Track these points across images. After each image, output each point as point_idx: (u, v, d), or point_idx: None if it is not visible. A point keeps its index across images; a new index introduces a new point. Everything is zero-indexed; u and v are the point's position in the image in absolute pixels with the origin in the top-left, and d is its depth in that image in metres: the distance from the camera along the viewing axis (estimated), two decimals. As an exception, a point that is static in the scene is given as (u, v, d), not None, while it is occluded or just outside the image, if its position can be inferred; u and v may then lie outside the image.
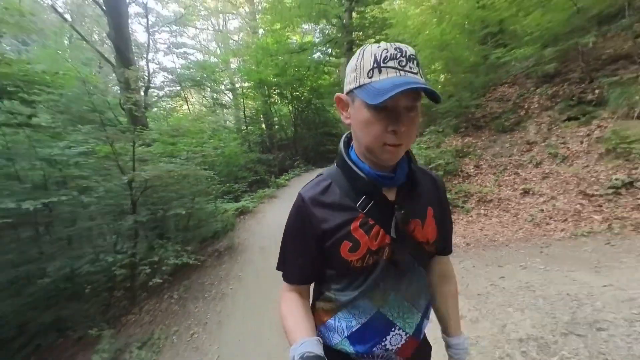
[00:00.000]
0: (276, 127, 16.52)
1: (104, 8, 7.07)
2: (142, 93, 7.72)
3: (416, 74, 0.63)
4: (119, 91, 7.31)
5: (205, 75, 13.42)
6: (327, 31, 12.80)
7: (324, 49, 13.00)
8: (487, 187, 5.00)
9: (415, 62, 0.63)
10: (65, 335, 3.51)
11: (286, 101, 15.21)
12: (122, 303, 4.26)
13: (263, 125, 16.13)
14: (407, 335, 0.77)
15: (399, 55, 0.61)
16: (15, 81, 3.84)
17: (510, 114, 5.82)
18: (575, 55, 5.48)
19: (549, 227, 3.71)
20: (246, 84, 15.27)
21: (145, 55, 12.09)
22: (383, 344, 0.75)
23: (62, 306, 3.78)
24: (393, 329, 0.76)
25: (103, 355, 2.78)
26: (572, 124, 4.91)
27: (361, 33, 11.18)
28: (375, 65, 0.62)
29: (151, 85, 10.80)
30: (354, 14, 11.09)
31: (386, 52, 0.61)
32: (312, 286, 0.84)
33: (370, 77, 0.62)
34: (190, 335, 3.03)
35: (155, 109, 12.40)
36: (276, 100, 15.50)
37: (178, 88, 14.13)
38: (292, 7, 10.50)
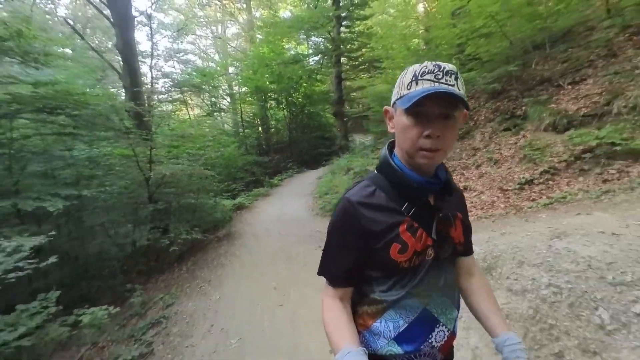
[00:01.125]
0: (272, 130, 17.87)
1: (112, 20, 7.91)
2: (146, 100, 8.91)
3: (452, 85, 0.69)
4: (123, 94, 8.41)
5: (204, 81, 14.75)
6: (319, 43, 14.16)
7: (316, 58, 14.35)
8: (438, 185, 6.30)
9: (453, 76, 0.70)
10: (104, 295, 4.80)
11: (282, 106, 16.58)
12: (142, 277, 5.55)
13: (260, 129, 17.47)
14: (449, 331, 0.84)
15: (436, 70, 0.70)
16: (61, 100, 5.17)
17: (465, 124, 7.13)
18: (516, 76, 6.82)
19: (470, 214, 5.00)
20: (244, 90, 16.65)
21: (149, 64, 13.46)
22: (429, 341, 0.80)
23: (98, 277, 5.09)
24: (437, 326, 0.82)
25: (138, 298, 4.07)
26: (507, 134, 6.23)
27: (349, 46, 12.54)
28: (414, 78, 0.71)
29: (154, 90, 12.13)
30: (342, 29, 12.47)
31: (425, 68, 0.71)
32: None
33: (409, 89, 0.72)
34: (199, 288, 4.31)
35: (157, 113, 13.76)
36: (272, 106, 16.86)
37: (179, 95, 15.52)
38: (286, 24, 11.87)
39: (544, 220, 3.42)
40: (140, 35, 17.65)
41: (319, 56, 14.04)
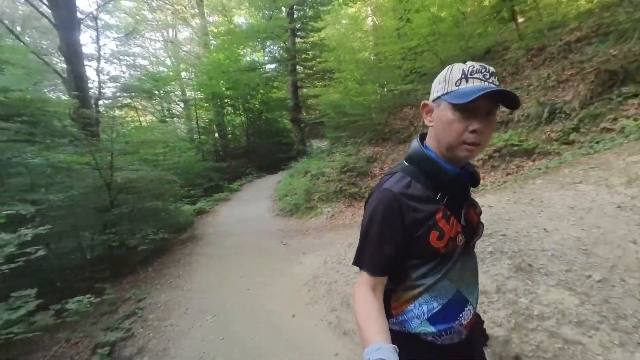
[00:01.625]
0: (229, 136, 18.04)
1: (54, 21, 7.50)
2: (92, 105, 8.75)
3: (497, 86, 0.76)
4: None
5: (156, 86, 14.56)
6: (275, 52, 14.84)
7: (273, 66, 14.99)
8: (385, 183, 7.26)
9: (496, 78, 0.78)
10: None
11: (239, 112, 16.87)
12: (106, 282, 5.68)
13: (216, 135, 17.55)
14: (473, 308, 0.93)
15: (483, 70, 0.77)
16: (16, 107, 5.20)
17: (406, 130, 8.26)
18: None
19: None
20: (199, 95, 16.68)
21: (94, 67, 13.05)
22: (460, 320, 0.89)
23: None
24: (467, 305, 0.91)
25: (109, 296, 4.33)
26: (440, 137, 7.40)
27: (303, 56, 13.38)
28: (463, 76, 0.77)
29: (101, 96, 11.82)
30: (297, 39, 13.28)
31: (472, 67, 0.77)
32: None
33: (458, 86, 0.77)
34: (169, 283, 4.66)
35: (107, 119, 13.33)
36: (229, 112, 17.08)
37: (128, 100, 15.13)
38: (242, 34, 12.38)
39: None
40: (84, 37, 16.82)
41: (275, 64, 14.69)
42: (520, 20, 8.45)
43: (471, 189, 0.98)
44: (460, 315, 0.90)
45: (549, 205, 2.81)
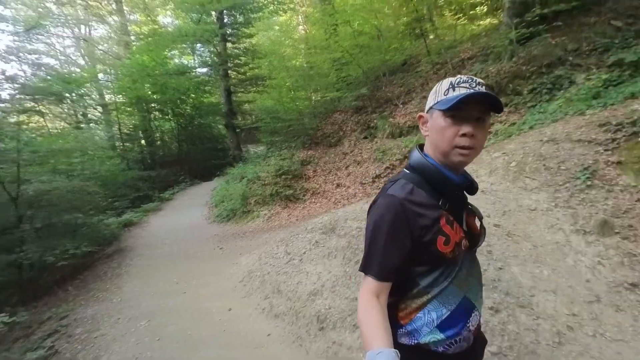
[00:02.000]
0: (158, 143, 17.05)
1: None
2: None
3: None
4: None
5: (67, 88, 13.18)
6: (206, 56, 14.58)
7: (203, 71, 14.71)
8: (318, 185, 7.82)
9: (484, 86, 0.83)
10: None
11: (168, 118, 16.08)
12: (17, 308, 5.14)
13: (143, 142, 16.45)
14: (479, 313, 0.95)
15: (470, 80, 0.82)
16: None
17: (335, 134, 8.97)
18: (370, 97, 9.04)
19: (339, 204, 6.60)
20: (120, 99, 15.47)
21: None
22: (467, 325, 0.91)
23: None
24: (473, 310, 0.92)
25: (23, 318, 4.01)
26: (365, 141, 8.24)
27: (235, 61, 13.44)
28: (450, 86, 0.83)
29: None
30: (229, 45, 13.29)
31: (460, 79, 0.83)
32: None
33: (446, 95, 0.83)
34: (95, 297, 4.47)
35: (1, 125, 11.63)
36: (157, 117, 16.18)
37: (31, 104, 13.39)
38: (169, 37, 11.98)
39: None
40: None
41: (207, 69, 14.45)
42: (431, 37, 9.84)
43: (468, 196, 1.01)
44: (468, 320, 0.91)
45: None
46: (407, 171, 0.93)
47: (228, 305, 3.54)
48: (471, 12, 9.59)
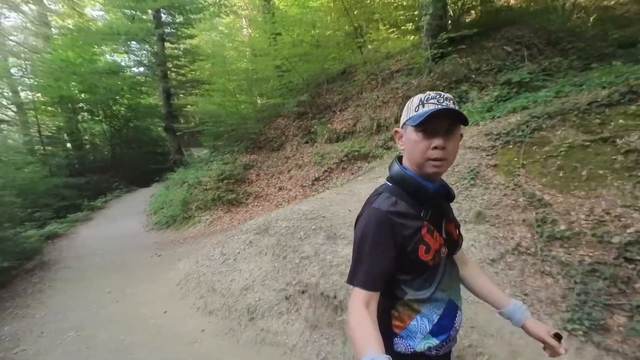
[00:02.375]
0: (88, 147, 15.75)
1: None
2: None
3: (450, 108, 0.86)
4: None
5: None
6: (142, 56, 13.90)
7: (140, 70, 14.00)
8: (261, 188, 8.05)
9: (451, 101, 0.89)
10: None
11: (99, 119, 14.96)
12: None
13: (69, 145, 15.07)
14: (461, 312, 1.02)
15: (437, 97, 0.88)
16: None
17: (278, 139, 9.28)
18: (310, 103, 9.51)
19: (281, 206, 6.92)
20: (40, 98, 14.02)
21: None
22: (455, 326, 0.98)
23: None
24: (458, 311, 1.00)
25: None
26: (307, 145, 8.67)
27: (175, 62, 13.05)
28: (420, 102, 0.89)
29: None
30: (167, 45, 12.86)
31: (429, 95, 0.89)
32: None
33: (417, 111, 0.89)
34: (14, 314, 4.18)
35: None
36: (85, 118, 14.96)
37: None
38: (98, 35, 11.24)
39: (312, 200, 5.52)
40: None
41: (143, 68, 13.77)
42: (370, 47, 10.62)
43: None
44: (454, 321, 0.98)
45: (357, 194, 4.07)
46: (389, 183, 0.99)
47: (164, 308, 3.65)
48: (402, 28, 10.61)
